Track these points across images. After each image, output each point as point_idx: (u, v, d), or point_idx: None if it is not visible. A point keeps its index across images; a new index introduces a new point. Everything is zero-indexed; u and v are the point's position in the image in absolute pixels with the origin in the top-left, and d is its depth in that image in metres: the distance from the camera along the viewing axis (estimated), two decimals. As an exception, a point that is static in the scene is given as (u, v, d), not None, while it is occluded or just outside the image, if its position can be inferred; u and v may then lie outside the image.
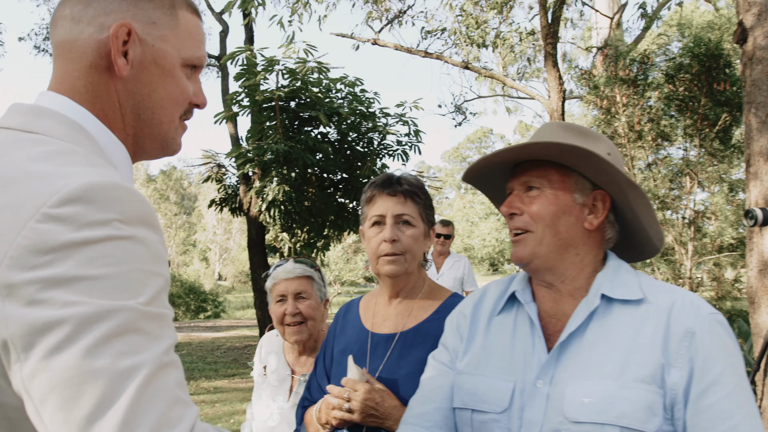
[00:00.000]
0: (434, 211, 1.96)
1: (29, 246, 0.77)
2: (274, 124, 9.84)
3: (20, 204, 0.80)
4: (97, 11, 1.01)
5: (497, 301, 1.56)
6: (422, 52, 8.28)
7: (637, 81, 7.44)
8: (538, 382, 1.36)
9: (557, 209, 1.42)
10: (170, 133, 1.10)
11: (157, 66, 1.04)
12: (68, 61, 1.02)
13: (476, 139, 77.48)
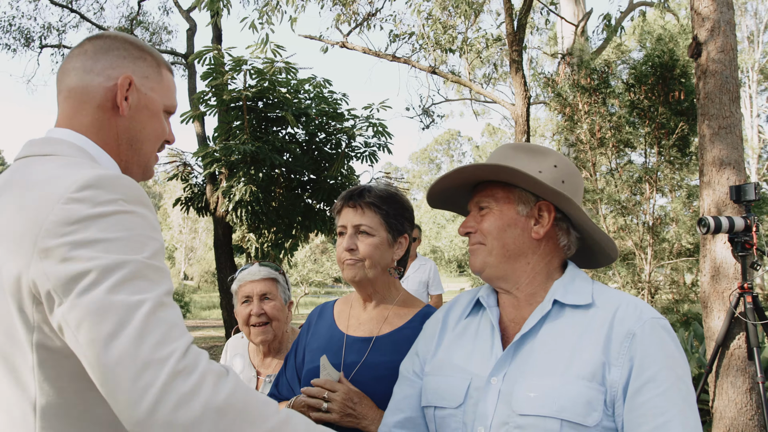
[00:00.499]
0: (408, 218, 2.04)
1: (58, 220, 1.08)
2: (242, 124, 9.80)
3: (48, 194, 1.11)
4: (105, 65, 1.36)
5: (466, 307, 1.69)
6: (390, 56, 8.34)
7: (599, 89, 7.61)
8: (492, 379, 1.47)
9: (503, 223, 1.56)
10: (151, 161, 1.45)
11: (147, 109, 1.40)
12: (78, 102, 1.34)
13: (444, 141, 77.89)
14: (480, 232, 1.58)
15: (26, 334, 1.11)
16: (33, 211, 1.10)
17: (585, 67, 7.38)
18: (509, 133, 55.24)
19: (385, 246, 1.98)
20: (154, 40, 20.59)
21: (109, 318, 1.03)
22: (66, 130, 1.33)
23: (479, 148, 74.79)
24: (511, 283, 1.57)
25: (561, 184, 1.57)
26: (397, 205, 2.02)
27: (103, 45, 1.38)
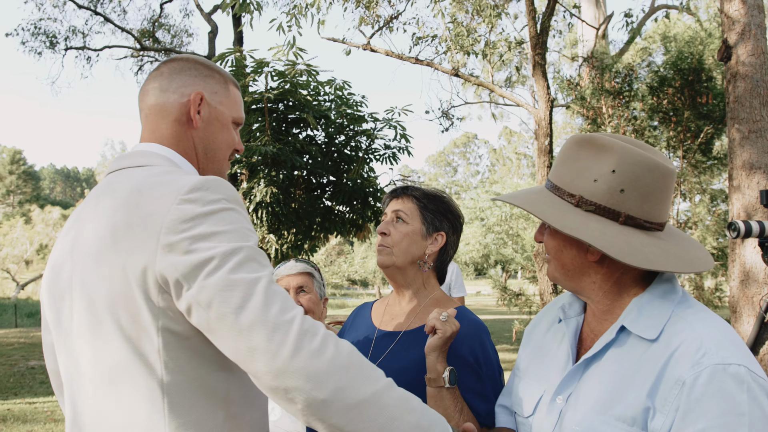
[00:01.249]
0: (449, 218, 2.03)
1: (176, 219, 1.25)
2: (263, 126, 9.84)
3: (161, 197, 1.28)
4: (179, 84, 1.54)
5: (559, 310, 1.60)
6: (413, 58, 8.35)
7: (622, 92, 7.57)
8: (558, 398, 1.41)
9: (557, 243, 1.45)
10: (224, 168, 1.63)
11: (218, 121, 1.57)
12: (158, 118, 1.53)
13: (461, 144, 77.75)
14: (545, 247, 1.51)
15: (152, 320, 1.27)
16: (149, 212, 1.27)
17: (609, 69, 7.35)
18: (527, 137, 55.01)
19: (417, 236, 1.99)
20: (174, 42, 20.76)
21: (236, 292, 1.20)
22: (152, 144, 1.51)
23: (496, 151, 74.60)
24: (585, 296, 1.48)
25: (619, 194, 1.35)
26: (438, 202, 2.03)
27: (177, 66, 1.57)
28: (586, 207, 1.38)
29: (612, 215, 1.36)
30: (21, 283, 42.02)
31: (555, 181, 1.45)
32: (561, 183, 1.43)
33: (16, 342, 15.35)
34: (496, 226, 35.88)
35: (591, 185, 1.38)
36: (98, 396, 1.33)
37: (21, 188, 75.40)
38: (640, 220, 1.37)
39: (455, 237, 2.06)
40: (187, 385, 1.30)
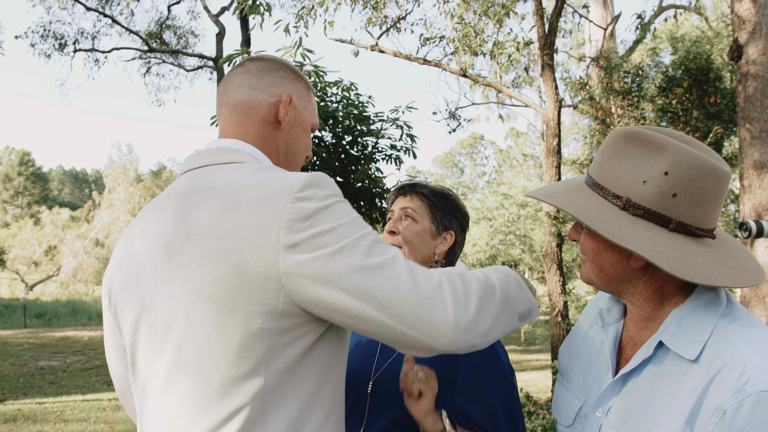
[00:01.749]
0: (458, 217, 2.01)
1: (294, 218, 1.22)
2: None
3: (270, 195, 1.25)
4: (269, 83, 1.53)
5: (597, 317, 1.51)
6: (421, 59, 8.35)
7: (631, 92, 7.55)
8: (597, 411, 1.35)
9: (597, 246, 1.35)
10: (299, 170, 1.61)
11: (301, 125, 1.58)
12: (245, 115, 1.51)
13: (468, 145, 77.65)
14: (582, 247, 1.40)
15: (270, 317, 1.23)
16: (261, 212, 1.24)
17: (618, 69, 7.33)
18: (534, 137, 54.86)
19: (427, 235, 1.95)
20: (181, 44, 20.82)
21: (380, 274, 1.21)
22: (235, 140, 1.48)
23: (503, 152, 74.44)
24: (626, 300, 1.39)
25: (671, 198, 1.24)
26: (447, 201, 2.00)
27: (265, 66, 1.56)
28: (633, 211, 1.27)
29: (662, 221, 1.26)
30: (30, 284, 42.22)
31: (598, 179, 1.33)
32: (605, 182, 1.32)
33: (26, 342, 15.43)
34: (503, 227, 35.81)
35: (640, 187, 1.26)
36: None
37: (29, 190, 75.78)
38: (692, 227, 1.26)
39: (463, 236, 2.03)
40: (283, 385, 1.27)
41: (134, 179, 51.19)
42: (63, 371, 11.40)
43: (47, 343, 15.36)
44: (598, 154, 1.37)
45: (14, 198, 74.64)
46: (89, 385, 10.18)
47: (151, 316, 1.32)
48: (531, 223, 32.28)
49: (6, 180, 75.21)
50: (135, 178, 51.37)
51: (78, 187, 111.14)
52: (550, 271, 6.86)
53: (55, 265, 44.71)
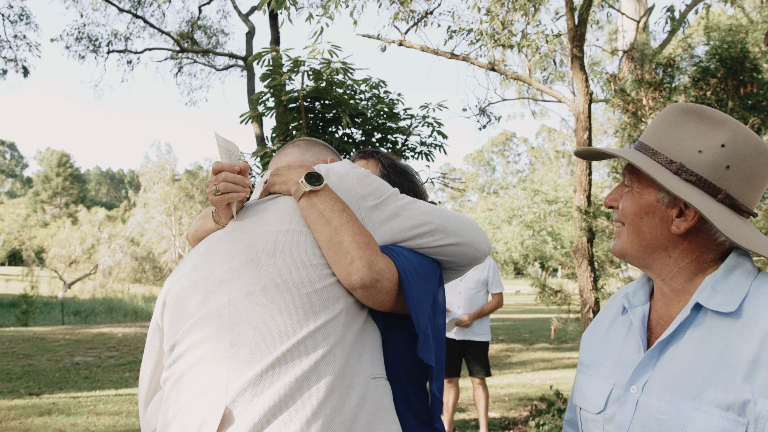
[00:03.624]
0: (409, 188, 1.95)
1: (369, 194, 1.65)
2: (299, 124, 9.89)
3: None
4: (315, 153, 1.96)
5: (622, 302, 1.51)
6: (448, 53, 8.27)
7: (663, 84, 7.39)
8: (631, 387, 1.33)
9: (639, 208, 1.36)
10: None
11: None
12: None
13: (499, 143, 77.15)
14: (620, 212, 1.40)
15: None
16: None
17: (649, 61, 7.17)
18: (567, 134, 54.27)
19: None
20: (212, 43, 21.04)
21: (430, 212, 1.68)
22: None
23: (534, 149, 73.76)
24: (655, 274, 1.38)
25: (724, 170, 1.28)
26: (402, 176, 1.96)
27: (309, 142, 1.99)
28: (686, 176, 1.29)
29: (712, 190, 1.29)
30: (68, 282, 43.14)
31: (651, 144, 1.35)
32: (660, 147, 1.34)
33: (62, 338, 15.75)
34: (534, 224, 35.52)
35: (695, 156, 1.30)
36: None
37: (68, 190, 77.42)
38: (738, 201, 1.29)
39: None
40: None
41: (170, 179, 51.92)
42: (97, 366, 11.60)
43: (83, 340, 15.66)
44: (653, 124, 1.39)
45: (53, 198, 76.33)
46: (122, 380, 10.34)
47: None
48: (560, 220, 31.92)
49: (45, 181, 76.97)
50: (171, 178, 52.10)
51: (114, 188, 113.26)
52: (581, 266, 6.74)
53: (92, 264, 45.60)
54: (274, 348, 1.40)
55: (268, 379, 1.39)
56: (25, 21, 17.59)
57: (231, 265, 1.53)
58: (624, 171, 1.41)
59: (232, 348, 1.43)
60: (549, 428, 5.67)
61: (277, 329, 1.42)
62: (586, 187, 6.94)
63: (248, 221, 1.61)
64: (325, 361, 1.41)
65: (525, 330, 18.32)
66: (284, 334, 1.41)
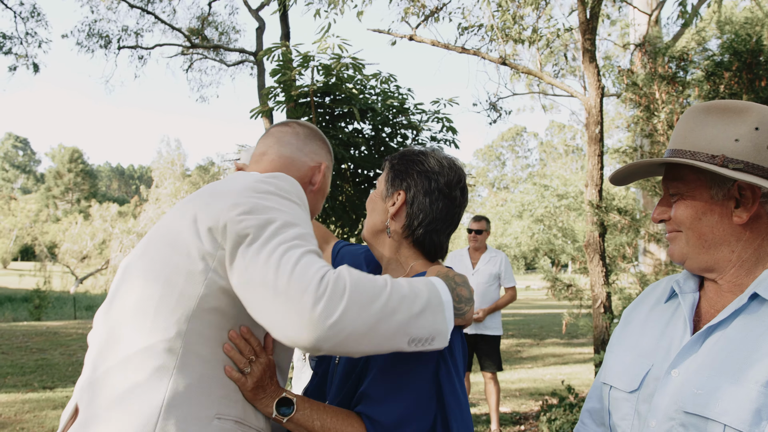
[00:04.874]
0: (416, 178, 1.73)
1: (249, 188, 1.44)
2: (309, 119, 9.90)
3: (237, 181, 1.48)
4: (311, 150, 1.80)
5: (665, 290, 1.53)
6: (459, 47, 8.24)
7: (676, 78, 7.33)
8: (673, 371, 1.33)
9: (695, 211, 1.36)
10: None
11: (322, 191, 1.81)
12: (284, 167, 1.74)
13: (509, 138, 76.89)
14: (673, 221, 1.40)
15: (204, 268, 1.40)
16: (233, 185, 1.49)
17: (662, 54, 7.11)
18: (578, 129, 54.01)
19: (378, 199, 1.78)
20: (222, 39, 21.06)
21: (274, 256, 1.33)
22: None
23: (543, 143, 73.45)
24: (715, 274, 1.38)
25: (766, 150, 1.30)
26: (404, 158, 1.78)
27: (310, 133, 1.83)
28: (733, 165, 1.30)
29: (762, 172, 1.30)
30: (80, 277, 43.44)
31: (686, 147, 1.36)
32: (695, 147, 1.35)
33: (75, 333, 15.86)
34: (544, 218, 35.41)
35: (733, 145, 1.31)
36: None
37: (80, 186, 77.84)
38: None
39: (426, 200, 1.71)
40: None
41: (181, 174, 52.09)
42: (110, 361, 11.69)
43: (96, 334, 15.75)
44: (678, 130, 1.40)
45: (64, 194, 76.79)
46: (135, 374, 10.42)
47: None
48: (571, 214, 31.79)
49: (57, 176, 77.44)
50: (182, 173, 52.27)
51: (125, 183, 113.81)
52: (592, 261, 6.71)
53: (103, 259, 45.88)
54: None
55: (88, 389, 1.40)
56: (36, 18, 17.67)
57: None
58: (665, 183, 1.42)
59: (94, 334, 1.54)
60: (560, 423, 5.65)
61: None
62: (598, 182, 6.91)
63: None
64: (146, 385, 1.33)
65: (535, 325, 18.27)
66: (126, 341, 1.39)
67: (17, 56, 17.75)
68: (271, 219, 1.34)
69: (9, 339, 14.11)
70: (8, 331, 15.68)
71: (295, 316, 1.21)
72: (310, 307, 1.20)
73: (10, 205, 57.33)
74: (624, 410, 1.43)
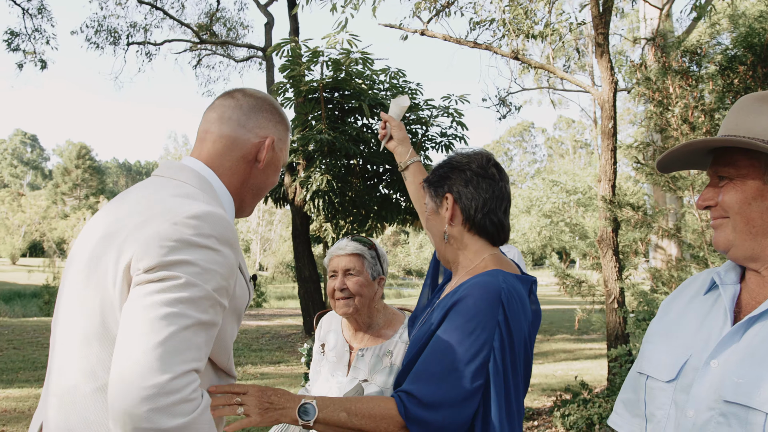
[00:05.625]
0: (454, 178, 1.86)
1: (168, 235, 1.36)
2: (319, 115, 9.89)
3: (167, 212, 1.40)
4: (255, 124, 1.68)
5: (705, 282, 1.52)
6: (471, 42, 8.20)
7: (689, 72, 7.27)
8: (712, 362, 1.32)
9: (745, 196, 1.35)
10: (255, 204, 1.79)
11: (274, 165, 1.74)
12: (226, 148, 1.66)
13: (517, 133, 76.71)
14: (720, 207, 1.39)
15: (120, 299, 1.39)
16: (155, 220, 1.40)
17: (675, 48, 7.06)
18: (586, 124, 53.85)
19: (432, 214, 1.91)
20: (231, 35, 21.05)
21: (163, 321, 1.30)
22: (201, 164, 1.64)
23: (550, 139, 73.26)
24: (759, 264, 1.37)
25: None
26: (438, 168, 1.93)
27: (255, 104, 1.71)
28: None
29: None
30: (88, 273, 43.61)
31: (740, 133, 1.36)
32: (749, 133, 1.35)
33: (85, 329, 15.93)
34: (553, 214, 35.31)
35: None
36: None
37: (87, 182, 78.07)
38: None
39: (469, 188, 1.83)
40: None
41: (188, 170, 52.15)
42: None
43: (105, 330, 15.82)
44: (729, 117, 1.41)
45: (72, 190, 77.04)
46: (146, 369, 10.45)
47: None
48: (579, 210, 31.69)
49: (65, 173, 77.73)
50: (189, 170, 52.32)
51: (132, 179, 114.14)
52: (605, 256, 6.68)
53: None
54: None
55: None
56: (46, 16, 17.70)
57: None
58: (714, 169, 1.41)
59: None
60: (575, 419, 5.63)
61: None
62: (611, 177, 6.87)
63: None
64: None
65: (545, 321, 18.22)
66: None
67: (25, 53, 17.78)
68: (175, 275, 1.32)
69: (20, 334, 14.17)
70: (19, 327, 15.75)
71: (130, 391, 1.21)
72: (145, 399, 1.21)
73: (19, 201, 57.63)
74: (661, 400, 1.42)
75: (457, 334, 1.61)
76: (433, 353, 1.62)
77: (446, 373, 1.58)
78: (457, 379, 1.57)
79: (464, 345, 1.59)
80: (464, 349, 1.59)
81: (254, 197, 1.75)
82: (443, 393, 1.57)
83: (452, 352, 1.59)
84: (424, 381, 1.60)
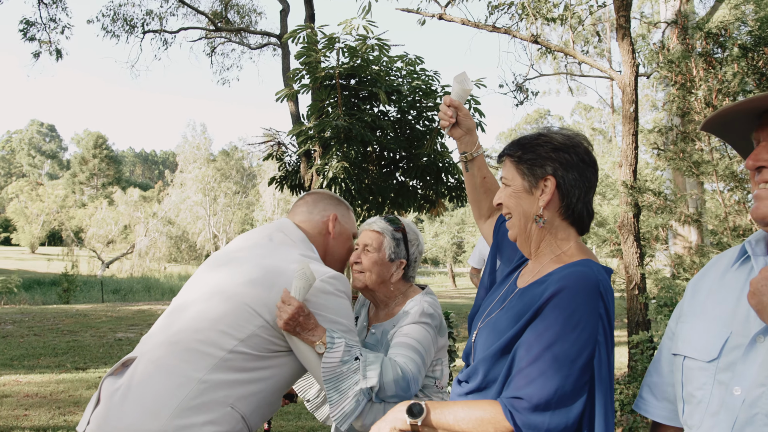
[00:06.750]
0: (556, 159, 1.73)
1: (319, 288, 2.08)
2: (335, 102, 9.83)
3: (316, 272, 2.11)
4: (321, 209, 2.44)
5: (734, 252, 1.46)
6: (490, 26, 8.10)
7: (713, 55, 7.13)
8: (758, 337, 1.26)
9: None
10: (341, 267, 2.51)
11: (344, 234, 2.46)
12: (308, 227, 2.40)
13: (533, 120, 76.13)
14: None
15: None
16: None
17: (699, 29, 6.92)
18: (605, 112, 53.34)
19: (522, 194, 1.75)
20: (245, 22, 21.00)
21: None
22: (301, 233, 2.34)
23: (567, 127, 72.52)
24: None
25: None
26: (535, 147, 1.77)
27: (318, 197, 2.48)
28: None
29: None
30: (106, 261, 44.02)
31: None
32: None
33: (104, 315, 16.06)
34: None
35: None
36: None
37: (104, 171, 78.68)
38: None
39: (573, 174, 1.72)
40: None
41: (206, 159, 52.33)
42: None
43: (124, 317, 15.96)
44: None
45: (90, 179, 77.68)
46: (164, 356, 10.53)
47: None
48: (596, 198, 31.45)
49: (82, 162, 78.36)
50: (206, 158, 52.50)
51: (148, 168, 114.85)
52: (626, 242, 6.59)
53: (128, 244, 46.41)
54: None
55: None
56: (61, 6, 17.74)
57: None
58: (761, 129, 1.34)
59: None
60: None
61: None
62: (632, 162, 6.77)
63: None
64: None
65: (561, 309, 18.08)
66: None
67: (41, 42, 17.85)
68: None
69: (40, 321, 14.32)
70: (39, 314, 15.92)
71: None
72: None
73: (37, 191, 58.20)
74: (701, 380, 1.37)
75: (559, 329, 1.52)
76: (536, 350, 1.53)
77: (554, 371, 1.49)
78: (565, 377, 1.48)
79: (569, 340, 1.49)
80: (569, 345, 1.50)
81: (334, 261, 2.45)
82: (551, 393, 1.48)
83: (557, 348, 1.50)
84: (529, 381, 1.50)
